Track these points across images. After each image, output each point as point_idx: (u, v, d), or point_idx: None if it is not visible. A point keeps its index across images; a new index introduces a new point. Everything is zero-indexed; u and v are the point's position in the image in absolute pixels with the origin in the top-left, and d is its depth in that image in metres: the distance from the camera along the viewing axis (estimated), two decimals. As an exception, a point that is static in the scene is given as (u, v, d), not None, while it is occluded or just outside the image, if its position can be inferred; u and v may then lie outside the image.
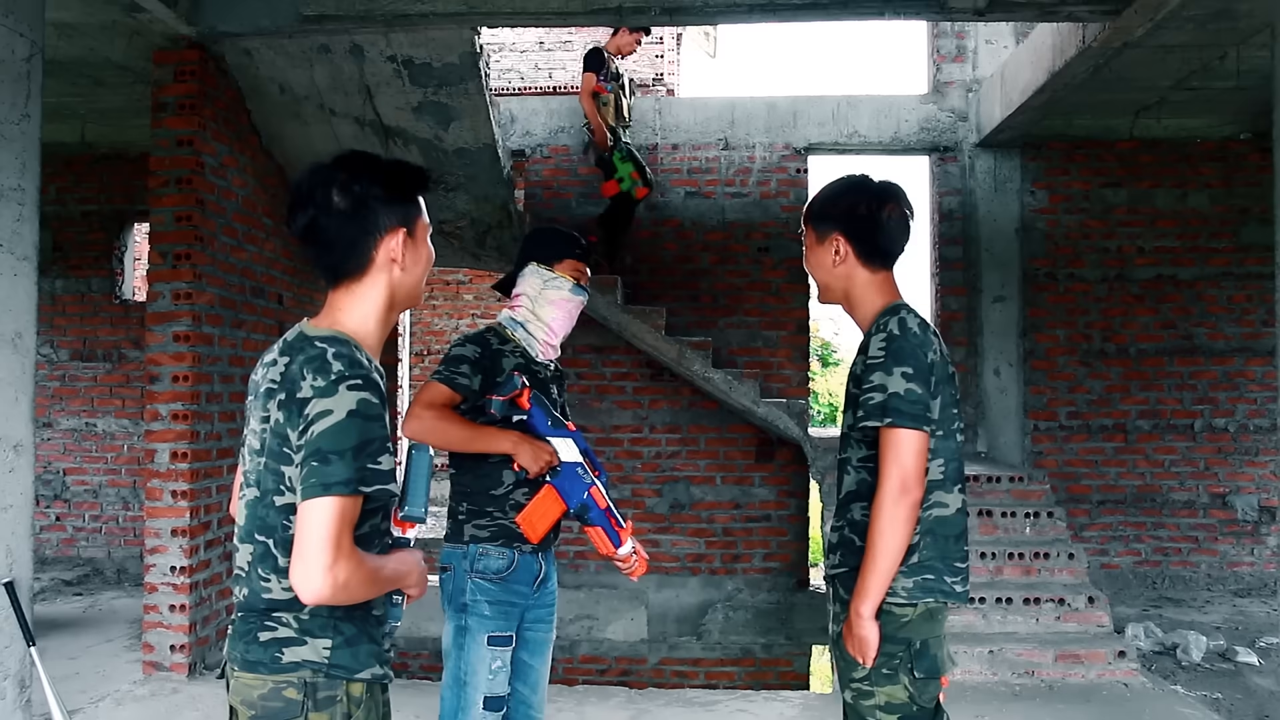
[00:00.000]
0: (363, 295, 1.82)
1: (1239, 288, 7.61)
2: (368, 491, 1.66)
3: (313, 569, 1.59)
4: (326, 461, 1.62)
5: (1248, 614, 6.80)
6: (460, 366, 2.76)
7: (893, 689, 2.21)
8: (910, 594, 2.22)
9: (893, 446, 2.16)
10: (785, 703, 4.84)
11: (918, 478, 2.16)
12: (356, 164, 1.81)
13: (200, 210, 5.06)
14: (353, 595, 1.66)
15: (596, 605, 7.53)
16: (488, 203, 6.50)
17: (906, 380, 2.18)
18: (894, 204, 2.32)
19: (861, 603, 2.19)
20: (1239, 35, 5.42)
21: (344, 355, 1.71)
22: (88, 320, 8.01)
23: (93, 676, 5.06)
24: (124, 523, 7.94)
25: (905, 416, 2.16)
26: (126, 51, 5.36)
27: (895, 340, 2.22)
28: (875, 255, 2.35)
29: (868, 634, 2.20)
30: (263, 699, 1.71)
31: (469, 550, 2.78)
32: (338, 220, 1.77)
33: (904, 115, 7.73)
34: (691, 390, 7.51)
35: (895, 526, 2.15)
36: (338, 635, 1.73)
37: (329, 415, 1.64)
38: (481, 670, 2.73)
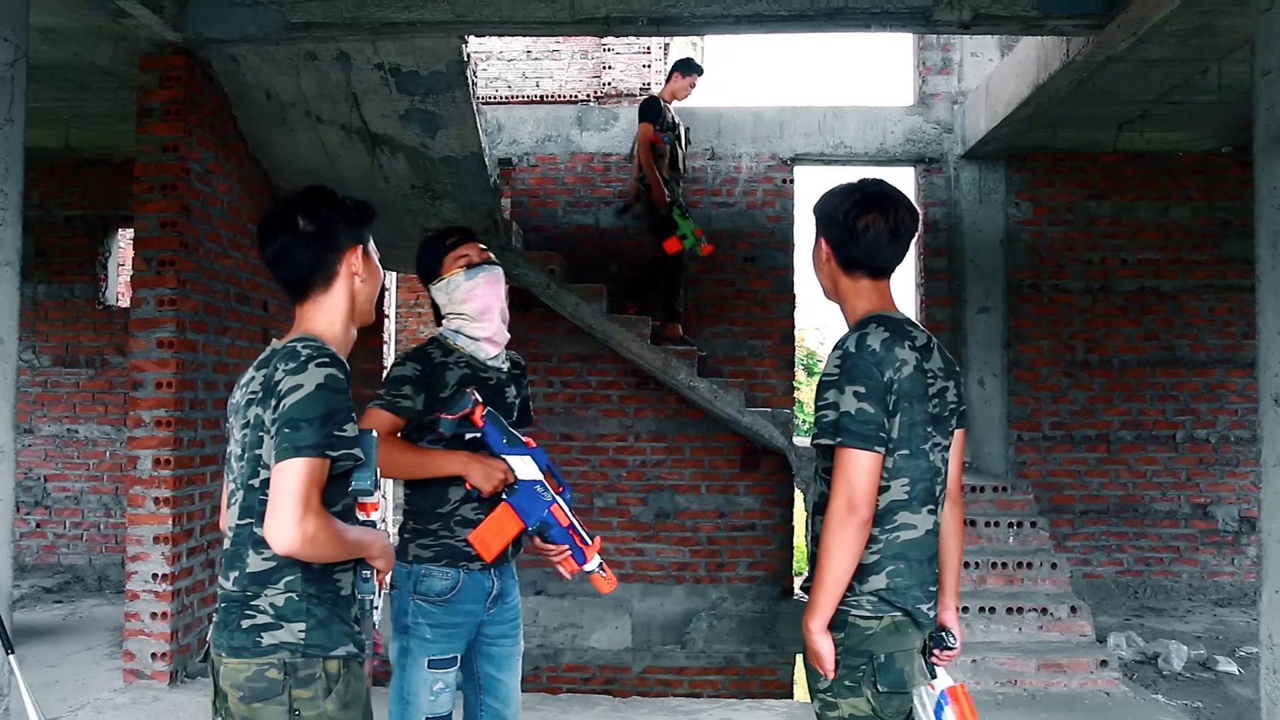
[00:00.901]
0: (328, 304, 2.08)
1: (1220, 300, 7.67)
2: (334, 456, 1.86)
3: (284, 521, 1.79)
4: (297, 428, 1.83)
5: (1228, 623, 6.84)
6: (402, 389, 2.69)
7: (856, 700, 2.19)
8: (876, 607, 2.19)
9: (841, 466, 2.14)
10: (769, 711, 4.84)
11: (866, 498, 2.12)
12: (317, 196, 2.07)
13: (185, 216, 5.04)
14: (320, 550, 1.84)
15: (581, 614, 7.52)
16: (474, 211, 6.50)
17: (858, 399, 2.13)
18: (875, 214, 2.26)
19: (810, 618, 2.18)
20: (1220, 50, 5.48)
21: (311, 344, 1.94)
22: (70, 326, 7.96)
23: (72, 685, 5.02)
24: (105, 529, 7.88)
25: (854, 436, 2.12)
26: (112, 57, 5.34)
27: (850, 358, 2.18)
28: (852, 264, 2.31)
29: (819, 648, 2.18)
30: (248, 680, 1.89)
31: (412, 570, 2.71)
32: (305, 240, 2.03)
33: (890, 126, 7.78)
34: (677, 399, 7.52)
35: (840, 546, 2.12)
36: (310, 618, 1.92)
37: (299, 389, 1.85)
38: (423, 692, 2.70)
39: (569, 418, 7.68)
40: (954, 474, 2.36)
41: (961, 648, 2.41)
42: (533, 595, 7.58)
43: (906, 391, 2.18)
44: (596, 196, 7.84)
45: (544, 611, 7.50)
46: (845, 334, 2.27)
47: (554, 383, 7.70)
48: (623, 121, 7.87)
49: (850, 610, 2.19)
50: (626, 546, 7.64)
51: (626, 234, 7.77)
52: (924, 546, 2.25)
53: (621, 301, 7.19)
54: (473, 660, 2.87)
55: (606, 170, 7.85)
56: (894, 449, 2.18)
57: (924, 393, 2.22)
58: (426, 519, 2.73)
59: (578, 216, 7.83)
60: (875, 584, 2.20)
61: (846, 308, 2.36)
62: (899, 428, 2.18)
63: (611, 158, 7.85)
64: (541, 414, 7.69)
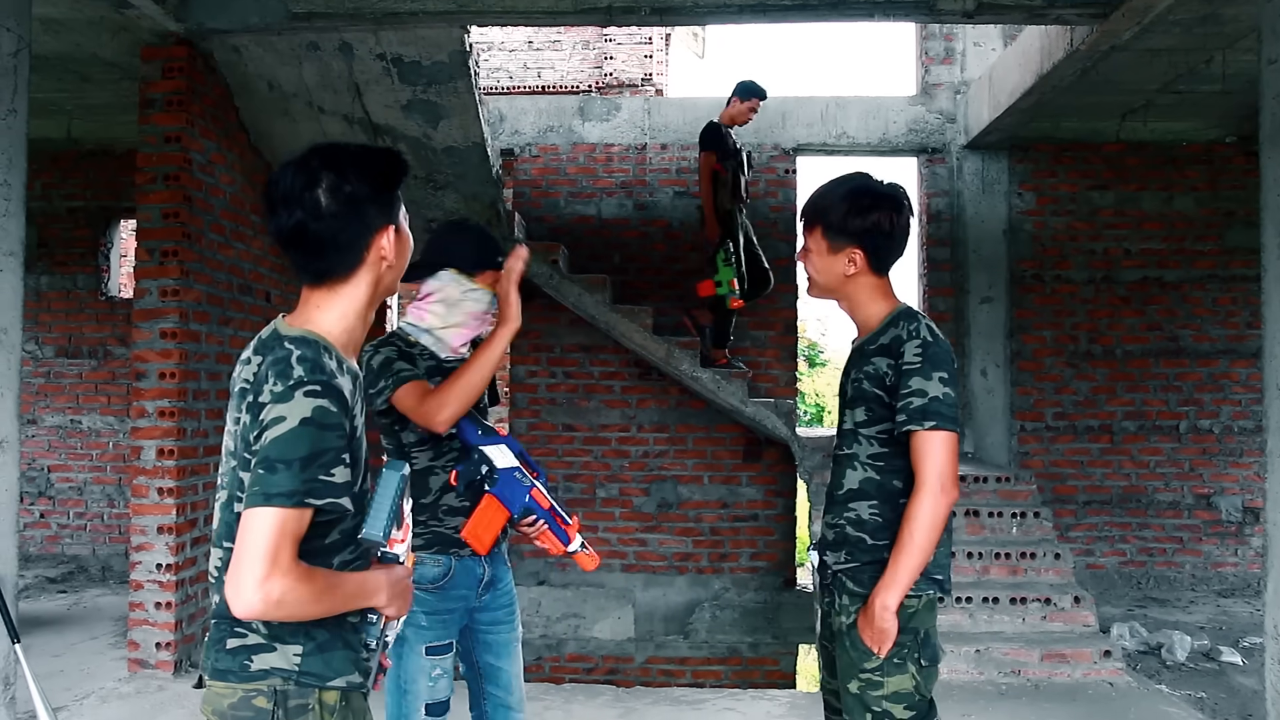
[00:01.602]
0: (345, 294, 1.74)
1: (1224, 290, 7.66)
2: (317, 504, 1.56)
3: (245, 582, 1.51)
4: (273, 470, 1.54)
5: (1231, 614, 6.84)
6: (401, 362, 2.63)
7: (901, 678, 2.28)
8: (919, 586, 2.29)
9: (933, 448, 2.23)
10: (772, 701, 4.85)
11: (954, 478, 2.25)
12: (341, 160, 1.70)
13: (188, 207, 5.04)
14: (291, 613, 1.56)
15: (583, 604, 7.53)
16: (476, 201, 6.49)
17: (944, 385, 2.25)
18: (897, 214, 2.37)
19: (889, 595, 2.24)
20: (1225, 39, 5.46)
21: (308, 359, 1.61)
22: (73, 317, 7.97)
23: (77, 674, 5.04)
24: (109, 520, 7.90)
25: (946, 419, 2.23)
26: (114, 47, 5.33)
27: (930, 347, 2.28)
28: (885, 266, 2.42)
29: (890, 626, 2.25)
30: (232, 708, 1.63)
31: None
32: (329, 224, 1.67)
33: (892, 117, 7.76)
34: (679, 390, 7.52)
35: (935, 524, 2.23)
36: (309, 641, 1.65)
37: (282, 422, 1.56)
38: (421, 679, 2.70)
39: (571, 408, 7.68)
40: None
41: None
42: (535, 586, 7.59)
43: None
44: (599, 187, 7.83)
45: (547, 602, 7.52)
46: (904, 325, 2.33)
47: (556, 373, 7.71)
48: (624, 112, 7.85)
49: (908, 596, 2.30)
50: (629, 537, 7.64)
51: (629, 225, 7.76)
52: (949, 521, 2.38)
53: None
54: (472, 650, 2.88)
55: (609, 161, 7.84)
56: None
57: None
58: (414, 509, 2.69)
59: (580, 207, 7.82)
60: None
61: (865, 305, 2.43)
62: None
63: (614, 148, 7.83)
64: (543, 404, 7.70)
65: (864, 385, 2.36)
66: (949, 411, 2.23)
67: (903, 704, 2.27)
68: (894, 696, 2.27)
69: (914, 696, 2.28)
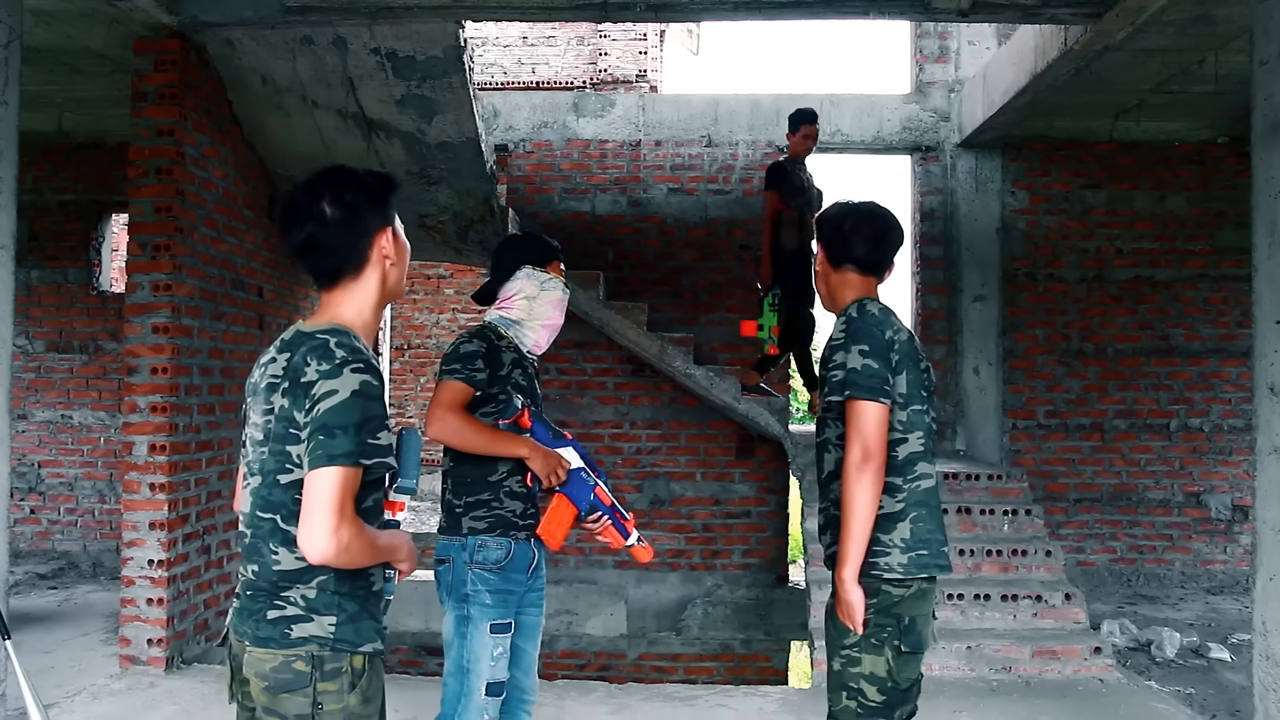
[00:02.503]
0: (359, 291, 2.01)
1: (1215, 289, 7.69)
2: (368, 464, 1.83)
3: (319, 531, 1.77)
4: (332, 435, 1.79)
5: (1220, 611, 6.88)
6: (475, 363, 2.87)
7: (876, 659, 2.36)
8: (906, 570, 2.37)
9: (854, 418, 2.35)
10: (765, 698, 4.86)
11: (878, 446, 2.33)
12: (340, 177, 1.99)
13: (180, 201, 5.02)
14: (353, 558, 1.83)
15: (576, 600, 7.53)
16: (470, 197, 6.48)
17: (863, 356, 2.37)
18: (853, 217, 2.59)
19: (842, 568, 2.35)
20: (1218, 40, 5.47)
21: (345, 344, 1.88)
22: (64, 311, 7.94)
23: (68, 670, 5.02)
24: (100, 516, 7.87)
25: (862, 389, 2.34)
26: (106, 40, 5.31)
27: (853, 322, 2.46)
28: (840, 261, 2.60)
29: (852, 598, 2.35)
30: (274, 671, 1.86)
31: (468, 542, 2.86)
32: (335, 229, 1.95)
33: (886, 115, 7.77)
34: (672, 386, 7.53)
35: (861, 492, 2.31)
36: (341, 612, 1.90)
37: (335, 394, 1.81)
38: (484, 657, 2.83)
39: (565, 404, 7.68)
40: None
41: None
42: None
43: (906, 353, 2.44)
44: (593, 183, 7.83)
45: (539, 598, 7.51)
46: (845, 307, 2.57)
47: (549, 369, 7.70)
48: (619, 108, 7.85)
49: (883, 574, 2.37)
50: (622, 533, 7.64)
51: (622, 221, 7.76)
52: (936, 494, 2.49)
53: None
54: None
55: (603, 157, 7.83)
56: (906, 403, 2.43)
57: (917, 361, 2.49)
58: (478, 489, 2.88)
59: (574, 203, 7.82)
60: (901, 531, 2.40)
61: (837, 300, 2.64)
62: (906, 385, 2.43)
63: (608, 144, 7.83)
64: (537, 401, 7.69)
65: (820, 369, 2.54)
66: (866, 381, 2.34)
67: (875, 686, 2.36)
68: (870, 677, 2.36)
69: (886, 681, 2.35)
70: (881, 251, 2.59)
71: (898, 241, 2.62)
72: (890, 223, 2.61)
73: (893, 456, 2.40)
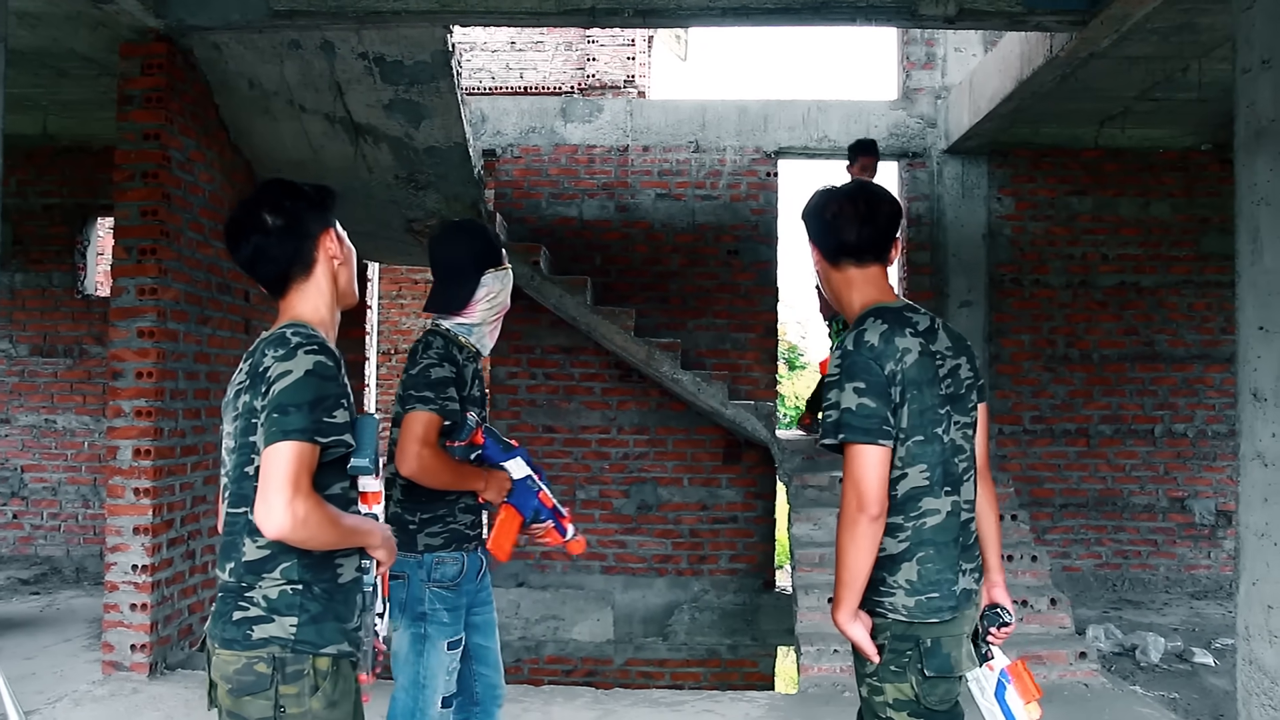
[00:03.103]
0: (311, 291, 2.06)
1: (1199, 295, 7.74)
2: (324, 442, 1.84)
3: (274, 504, 1.77)
4: (285, 413, 1.82)
5: (1204, 616, 6.91)
6: (447, 390, 2.76)
7: (901, 685, 2.20)
8: (912, 614, 2.20)
9: (848, 463, 2.16)
10: (751, 703, 4.86)
11: (875, 494, 2.14)
12: (277, 188, 2.05)
13: (166, 205, 5.00)
14: (312, 533, 1.81)
15: (563, 606, 7.52)
16: (458, 202, 6.48)
17: (859, 395, 2.15)
18: (843, 201, 2.31)
19: (836, 613, 2.22)
20: (1201, 48, 5.51)
21: (301, 331, 1.93)
22: (48, 315, 7.89)
23: (50, 677, 4.98)
24: (83, 521, 7.82)
25: (856, 431, 2.14)
26: (92, 43, 5.28)
27: (849, 356, 2.20)
28: (836, 253, 2.34)
29: (853, 635, 2.22)
30: (237, 673, 1.86)
31: (424, 560, 2.80)
32: (277, 236, 2.01)
33: (873, 121, 7.80)
34: (660, 392, 7.53)
35: (853, 542, 2.16)
36: (303, 613, 1.88)
37: (288, 374, 1.85)
38: (440, 674, 2.81)
39: (551, 410, 7.68)
40: (980, 450, 2.36)
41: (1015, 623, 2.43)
42: (515, 587, 7.58)
43: (913, 379, 2.19)
44: (580, 188, 7.83)
45: (526, 604, 7.50)
46: (851, 329, 2.28)
47: (537, 375, 7.69)
48: (607, 114, 7.86)
49: (888, 615, 2.21)
50: (609, 539, 7.64)
51: (610, 226, 7.76)
52: (949, 530, 2.23)
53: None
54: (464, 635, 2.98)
55: (590, 162, 7.84)
56: (906, 437, 2.19)
57: (933, 376, 2.23)
58: (433, 504, 2.82)
59: (561, 208, 7.82)
60: (907, 573, 2.21)
61: (844, 303, 2.38)
62: (909, 416, 2.18)
63: (596, 149, 7.83)
64: (524, 406, 7.69)
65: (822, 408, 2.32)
66: (861, 424, 2.14)
67: (905, 711, 2.21)
68: (895, 704, 2.22)
69: (916, 705, 2.20)
70: (874, 231, 2.30)
71: (890, 215, 2.32)
72: (879, 196, 2.34)
73: (892, 495, 2.20)
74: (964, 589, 2.25)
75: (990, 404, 7.54)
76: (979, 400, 2.35)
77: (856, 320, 2.29)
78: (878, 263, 2.33)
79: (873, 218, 2.29)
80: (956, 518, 2.25)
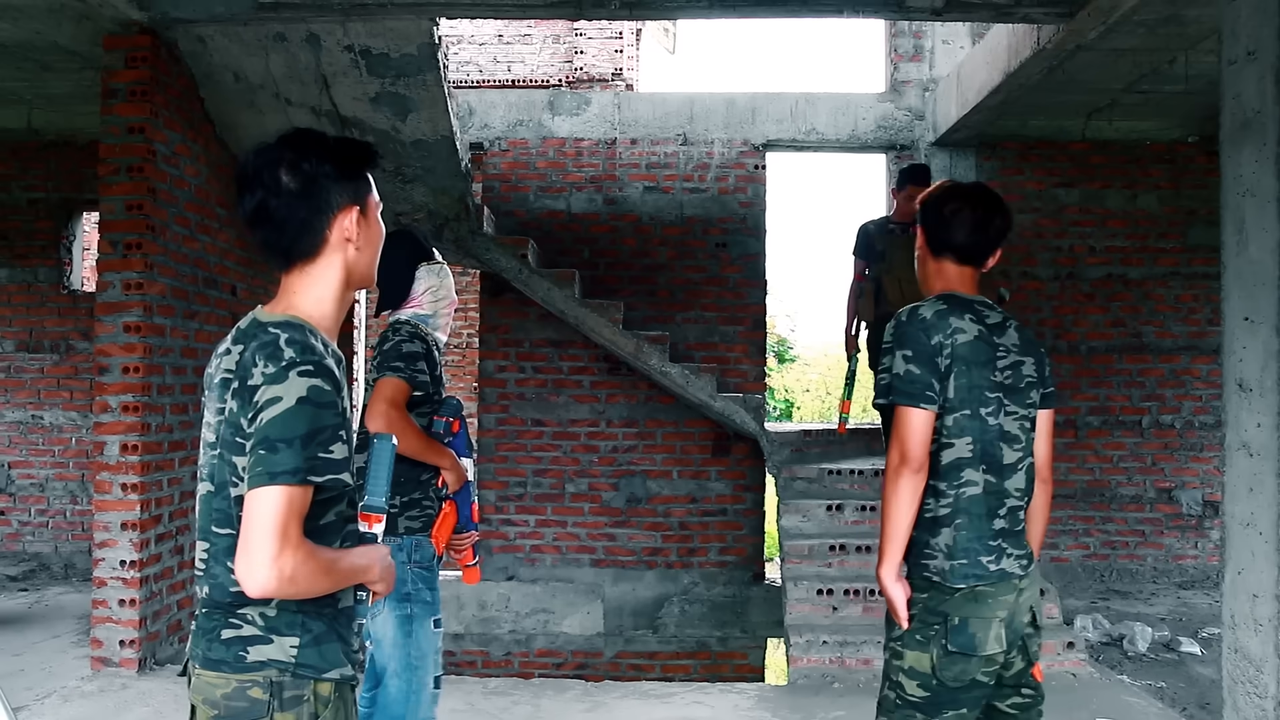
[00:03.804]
0: (318, 277, 1.78)
1: (1186, 287, 7.77)
2: (318, 481, 1.60)
3: (257, 560, 1.54)
4: (274, 450, 1.57)
5: (1191, 605, 6.95)
6: (418, 364, 2.92)
7: (920, 655, 2.32)
8: (946, 577, 2.32)
9: (894, 423, 2.34)
10: (741, 695, 4.87)
11: (916, 450, 2.30)
12: (304, 142, 1.75)
13: (152, 199, 4.98)
14: (301, 589, 1.60)
15: (553, 599, 7.52)
16: (445, 195, 6.46)
17: (907, 362, 2.33)
18: (955, 200, 2.47)
19: (879, 567, 2.37)
20: (1188, 40, 5.53)
21: (297, 341, 1.65)
22: (34, 311, 7.85)
23: (38, 673, 4.97)
24: (71, 517, 7.79)
25: (903, 394, 2.32)
26: (75, 36, 5.25)
27: (900, 326, 2.39)
28: (941, 247, 2.49)
29: (891, 594, 2.36)
30: (226, 698, 1.66)
31: (405, 542, 2.90)
32: (288, 200, 1.72)
33: (861, 113, 7.80)
34: (649, 385, 7.52)
35: (896, 495, 2.31)
36: (306, 633, 1.68)
37: (278, 402, 1.59)
38: (430, 653, 2.91)
39: (540, 403, 7.67)
40: (1043, 455, 2.54)
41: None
42: (505, 581, 7.58)
43: (963, 356, 2.35)
44: (568, 181, 7.81)
45: (516, 597, 7.50)
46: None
47: (525, 368, 7.68)
48: (594, 106, 7.84)
49: (931, 577, 2.34)
50: (598, 532, 7.65)
51: (598, 219, 7.75)
52: (984, 503, 2.36)
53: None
54: None
55: (578, 155, 7.82)
56: (953, 409, 2.35)
57: (988, 360, 2.38)
58: (411, 488, 2.92)
59: (549, 201, 7.80)
60: (945, 537, 2.34)
61: (927, 290, 2.55)
62: (955, 390, 2.34)
63: (583, 143, 7.82)
64: (513, 399, 7.68)
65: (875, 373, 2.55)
66: (907, 387, 2.31)
67: (916, 681, 2.32)
68: (910, 672, 2.33)
69: (929, 678, 2.30)
70: (982, 239, 2.46)
71: (1001, 229, 2.47)
72: (997, 207, 2.48)
73: (935, 461, 2.36)
74: (1002, 570, 2.35)
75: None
76: (1043, 405, 2.52)
77: (909, 306, 2.46)
78: (974, 266, 2.50)
79: (985, 226, 2.46)
80: (994, 497, 2.37)
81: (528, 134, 7.82)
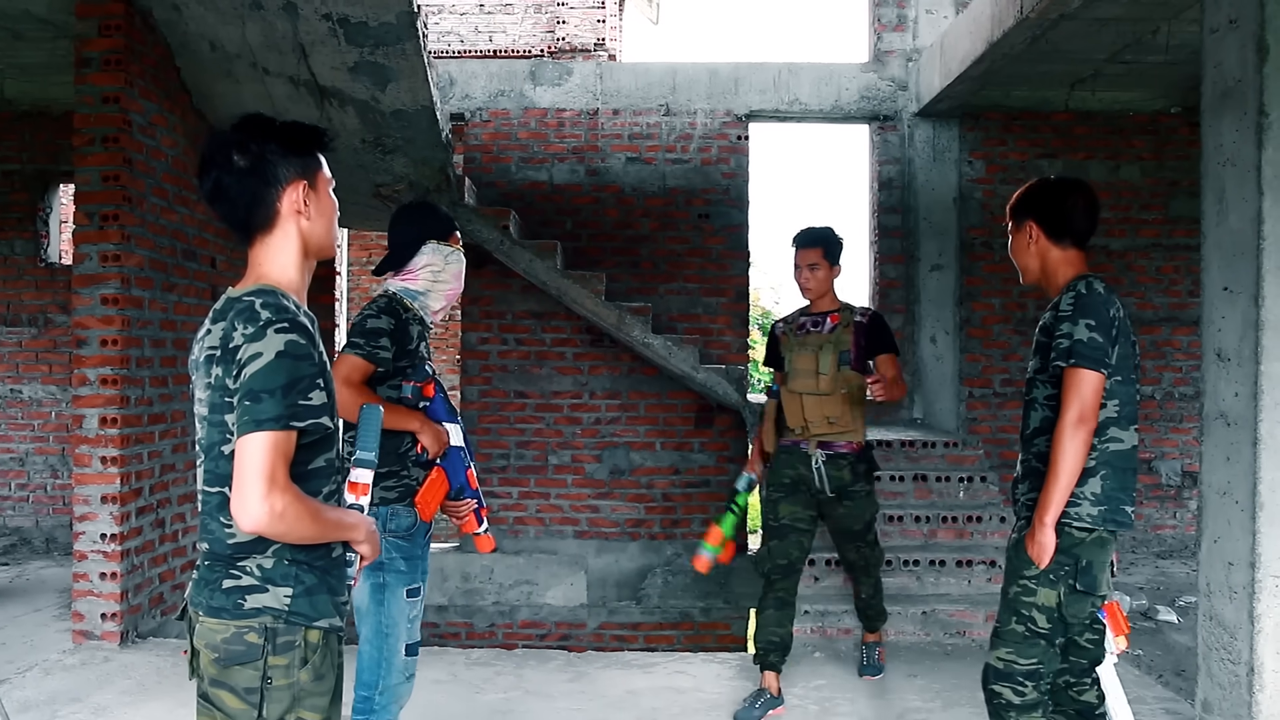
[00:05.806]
0: (278, 246, 1.95)
1: (1167, 259, 7.80)
2: (300, 426, 1.78)
3: (249, 498, 1.71)
4: (258, 400, 1.74)
5: (1169, 575, 7.03)
6: (380, 340, 2.92)
7: (1049, 593, 2.67)
8: (1094, 520, 2.65)
9: (1074, 384, 2.61)
10: (723, 664, 4.91)
11: (1093, 411, 2.61)
12: (253, 125, 1.95)
13: (128, 170, 4.92)
14: (290, 527, 1.76)
15: (536, 570, 7.54)
16: (426, 166, 6.41)
17: (1089, 330, 2.63)
18: (1075, 194, 2.82)
19: (1044, 513, 2.63)
20: (1170, 10, 5.52)
21: (271, 304, 1.82)
22: (11, 284, 7.77)
23: (20, 646, 4.96)
24: (52, 491, 7.76)
25: (1086, 359, 2.61)
26: (47, 3, 5.17)
27: (1083, 298, 2.69)
28: (1063, 235, 2.82)
29: (1048, 541, 2.64)
30: (225, 642, 1.82)
31: (379, 512, 2.92)
32: (239, 176, 1.90)
33: (844, 83, 7.76)
34: (631, 356, 7.52)
35: (1072, 449, 2.60)
36: (299, 584, 1.85)
37: (259, 358, 1.76)
38: (401, 621, 2.95)
39: (523, 375, 7.66)
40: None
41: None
42: (488, 553, 7.58)
43: (1124, 330, 2.70)
44: (550, 152, 7.77)
45: (499, 569, 7.52)
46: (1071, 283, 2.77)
47: (508, 340, 7.66)
48: (577, 77, 7.78)
49: (1072, 521, 2.66)
50: (581, 504, 7.66)
51: (580, 190, 7.71)
52: (1128, 458, 2.73)
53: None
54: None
55: (560, 126, 7.77)
56: (1111, 374, 2.67)
57: (1130, 332, 2.74)
58: (388, 460, 2.89)
59: (531, 172, 7.75)
60: (1092, 486, 2.67)
61: (1054, 275, 2.84)
62: (1117, 358, 2.68)
63: (565, 113, 7.76)
64: (495, 371, 7.67)
65: (1039, 337, 2.80)
66: (1090, 352, 2.61)
67: (1044, 615, 2.67)
68: (1041, 608, 2.67)
69: (1054, 613, 2.66)
70: (1093, 224, 2.85)
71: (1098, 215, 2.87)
72: (1097, 196, 2.86)
73: None
74: (1132, 509, 2.74)
75: (962, 369, 7.65)
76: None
77: (1079, 277, 2.77)
78: (1083, 249, 2.85)
79: (1095, 212, 2.85)
80: (1133, 454, 2.74)
81: (509, 104, 7.76)
